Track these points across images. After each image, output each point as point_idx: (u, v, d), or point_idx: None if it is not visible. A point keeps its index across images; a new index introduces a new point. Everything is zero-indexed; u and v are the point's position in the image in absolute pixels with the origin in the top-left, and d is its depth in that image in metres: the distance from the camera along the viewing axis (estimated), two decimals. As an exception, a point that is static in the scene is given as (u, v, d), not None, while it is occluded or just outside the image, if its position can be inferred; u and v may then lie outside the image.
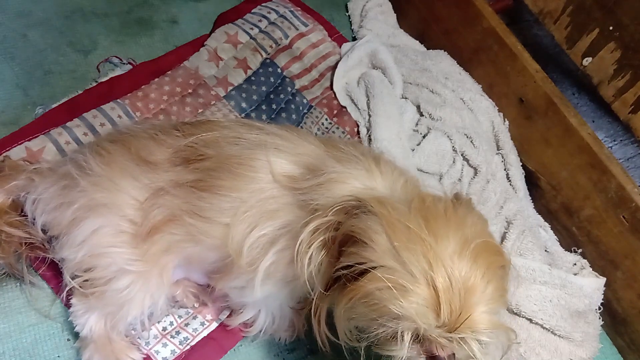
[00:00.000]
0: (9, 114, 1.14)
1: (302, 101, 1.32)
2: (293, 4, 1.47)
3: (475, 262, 0.65)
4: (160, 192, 0.81)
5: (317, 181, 0.75)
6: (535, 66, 1.25)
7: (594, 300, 1.12)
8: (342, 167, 0.76)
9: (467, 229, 0.68)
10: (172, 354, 0.94)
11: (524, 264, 1.07)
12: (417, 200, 0.70)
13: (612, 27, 1.17)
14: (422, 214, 0.68)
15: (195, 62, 1.28)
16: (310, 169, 0.78)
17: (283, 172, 0.78)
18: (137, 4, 1.40)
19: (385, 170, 0.77)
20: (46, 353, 0.91)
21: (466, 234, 0.67)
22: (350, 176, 0.75)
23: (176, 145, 0.83)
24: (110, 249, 0.81)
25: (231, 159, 0.80)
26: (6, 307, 0.94)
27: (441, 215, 0.69)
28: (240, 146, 0.81)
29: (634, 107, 1.18)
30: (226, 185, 0.78)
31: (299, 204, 0.76)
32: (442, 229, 0.66)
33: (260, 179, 0.78)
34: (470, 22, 1.36)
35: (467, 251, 0.65)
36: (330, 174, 0.75)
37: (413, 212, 0.68)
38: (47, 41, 1.27)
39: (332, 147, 0.81)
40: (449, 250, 0.64)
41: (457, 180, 1.27)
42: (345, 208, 0.71)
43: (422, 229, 0.65)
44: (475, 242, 0.66)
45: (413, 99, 1.36)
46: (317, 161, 0.79)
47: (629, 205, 1.09)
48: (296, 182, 0.77)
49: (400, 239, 0.65)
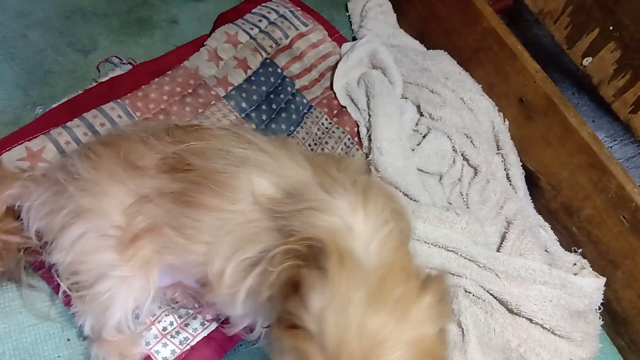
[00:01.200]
0: (9, 114, 1.14)
1: (302, 101, 1.32)
2: (293, 4, 1.47)
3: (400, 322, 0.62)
4: (144, 200, 0.80)
5: (297, 207, 0.73)
6: (535, 66, 1.25)
7: (594, 300, 1.12)
8: (325, 196, 0.73)
9: (416, 330, 0.63)
10: (172, 353, 0.94)
11: (524, 264, 1.07)
12: (383, 271, 0.66)
13: (612, 27, 1.17)
14: (377, 291, 0.63)
15: (195, 62, 1.28)
16: (291, 194, 0.76)
17: (264, 194, 0.76)
18: (137, 4, 1.40)
19: (372, 211, 0.72)
20: (46, 353, 0.91)
21: (413, 336, 0.62)
22: (331, 208, 0.72)
23: (165, 152, 0.82)
24: (93, 253, 0.81)
25: (215, 174, 0.79)
26: (6, 307, 0.94)
27: (394, 302, 0.63)
28: (225, 161, 0.80)
29: (634, 107, 1.18)
30: (208, 204, 0.77)
31: (279, 228, 0.74)
32: (383, 317, 0.62)
33: (242, 200, 0.77)
34: (470, 22, 1.36)
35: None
36: (312, 202, 0.73)
37: (368, 283, 0.63)
38: (47, 41, 1.27)
39: (320, 172, 0.79)
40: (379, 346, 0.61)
41: (457, 180, 1.27)
42: (311, 245, 0.68)
43: (361, 308, 0.61)
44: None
45: (413, 99, 1.36)
46: (301, 186, 0.77)
47: (629, 205, 1.09)
48: (277, 204, 0.75)
49: (334, 309, 0.61)
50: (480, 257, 1.07)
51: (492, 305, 1.07)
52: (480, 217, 1.18)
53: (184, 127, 0.89)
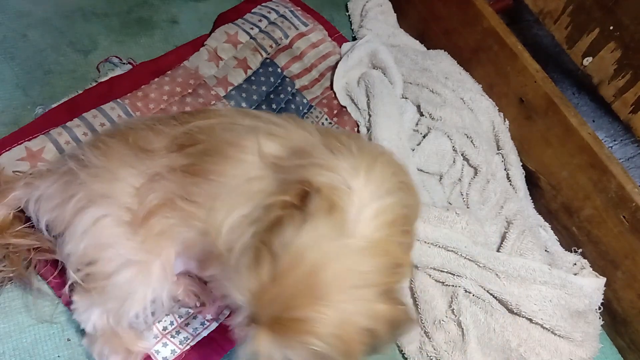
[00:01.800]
0: (9, 114, 1.14)
1: (302, 101, 1.32)
2: (293, 4, 1.47)
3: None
4: (156, 177, 0.81)
5: (300, 162, 0.72)
6: (535, 66, 1.25)
7: (594, 300, 1.12)
8: (329, 156, 0.72)
9: (348, 317, 0.62)
10: (172, 353, 0.94)
11: (524, 264, 1.07)
12: (364, 243, 0.65)
13: (612, 27, 1.17)
14: (347, 258, 0.63)
15: (195, 62, 1.28)
16: (297, 152, 0.76)
17: (271, 152, 0.76)
18: (137, 4, 1.40)
19: (375, 178, 0.70)
20: (46, 353, 0.91)
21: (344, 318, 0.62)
22: (334, 166, 0.70)
23: (173, 134, 0.83)
24: (113, 240, 0.80)
25: (223, 142, 0.79)
26: (6, 307, 0.94)
27: (355, 279, 0.63)
28: (234, 131, 0.81)
29: (634, 107, 1.18)
30: (216, 170, 0.78)
31: (279, 183, 0.73)
32: (337, 282, 0.62)
33: (248, 162, 0.77)
34: (470, 22, 1.36)
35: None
36: (315, 158, 0.72)
37: (343, 245, 0.63)
38: (47, 41, 1.27)
39: (329, 137, 0.78)
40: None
41: (457, 180, 1.27)
42: (305, 195, 0.67)
43: (324, 257, 0.62)
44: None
45: (413, 98, 1.36)
46: (308, 147, 0.76)
47: (629, 205, 1.09)
48: (281, 160, 0.75)
49: (303, 242, 0.62)
50: (480, 257, 1.07)
51: (492, 305, 1.07)
52: (480, 217, 1.18)
53: (190, 112, 0.90)
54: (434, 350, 1.03)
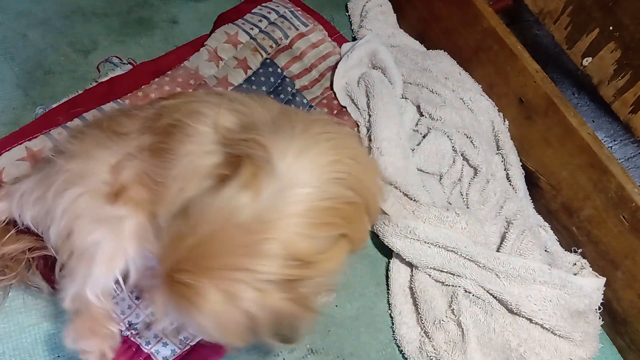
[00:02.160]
0: (9, 114, 1.14)
1: (302, 101, 1.32)
2: (293, 4, 1.47)
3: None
4: (129, 157, 0.83)
5: (244, 136, 0.73)
6: (535, 66, 1.25)
7: (594, 300, 1.12)
8: (271, 134, 0.72)
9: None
10: (173, 353, 0.94)
11: (524, 264, 1.07)
12: (257, 227, 0.65)
13: (612, 27, 1.17)
14: (236, 239, 0.64)
15: (195, 62, 1.29)
16: (247, 127, 0.76)
17: (225, 125, 0.78)
18: (137, 4, 1.40)
19: (302, 164, 0.69)
20: (46, 353, 0.91)
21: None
22: (269, 144, 0.70)
23: (145, 115, 0.86)
24: (87, 210, 0.81)
25: (185, 114, 0.81)
26: (6, 307, 0.94)
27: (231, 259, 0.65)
28: (198, 104, 0.83)
29: (634, 107, 1.18)
30: (176, 149, 0.79)
31: (224, 157, 0.75)
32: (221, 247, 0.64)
33: (203, 134, 0.78)
34: (470, 22, 1.36)
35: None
36: (257, 135, 0.72)
37: (238, 226, 0.64)
38: (47, 41, 1.27)
39: (287, 115, 0.79)
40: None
41: (457, 180, 1.27)
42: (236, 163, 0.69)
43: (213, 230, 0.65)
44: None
45: (413, 98, 1.36)
46: (259, 122, 0.77)
47: (629, 205, 1.09)
48: (231, 134, 0.76)
49: (206, 201, 0.66)
50: (480, 257, 1.07)
51: (492, 305, 1.07)
52: (480, 217, 1.18)
53: (164, 96, 0.93)
54: (434, 350, 1.03)
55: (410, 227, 1.08)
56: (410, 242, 1.09)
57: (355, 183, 0.74)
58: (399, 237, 1.10)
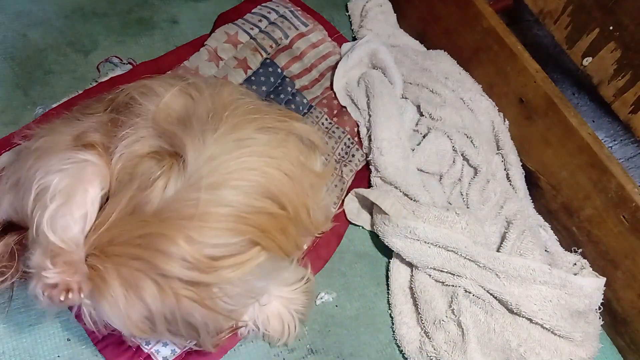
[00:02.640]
0: (9, 114, 1.14)
1: (302, 101, 1.32)
2: (293, 4, 1.47)
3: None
4: (90, 129, 0.85)
5: (173, 129, 0.77)
6: (535, 66, 1.25)
7: (594, 300, 1.12)
8: (198, 131, 0.75)
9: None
10: (173, 353, 0.94)
11: (524, 264, 1.07)
12: (154, 217, 0.70)
13: (612, 27, 1.17)
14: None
15: (195, 62, 1.29)
16: (183, 119, 0.79)
17: (169, 106, 0.81)
18: (137, 4, 1.40)
19: (207, 171, 0.72)
20: (46, 353, 0.91)
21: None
22: (187, 142, 0.74)
23: (111, 97, 0.89)
24: (56, 163, 0.80)
25: (137, 93, 0.84)
26: (6, 307, 0.93)
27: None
28: (162, 86, 0.85)
29: (634, 107, 1.18)
30: (125, 121, 0.82)
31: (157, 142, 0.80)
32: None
33: (146, 115, 0.82)
34: (470, 22, 1.36)
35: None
36: (185, 129, 0.76)
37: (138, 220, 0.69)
38: (47, 41, 1.27)
39: (221, 112, 0.80)
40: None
41: (457, 180, 1.27)
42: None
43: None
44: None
45: (413, 98, 1.36)
46: (199, 113, 0.79)
47: (629, 205, 1.09)
48: (166, 123, 0.79)
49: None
50: (480, 257, 1.07)
51: (492, 305, 1.07)
52: (480, 217, 1.18)
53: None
54: (434, 350, 1.03)
55: (410, 227, 1.08)
56: (410, 242, 1.09)
57: (276, 194, 0.74)
58: (399, 237, 1.10)
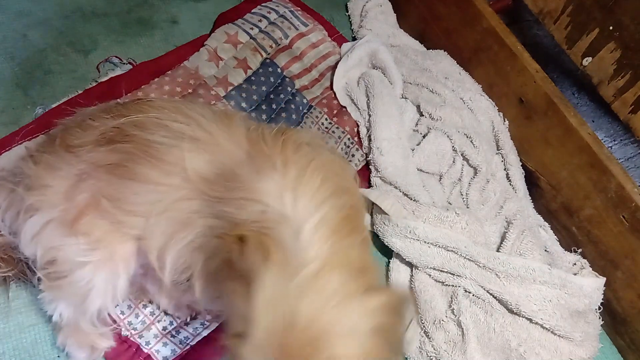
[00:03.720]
0: (9, 114, 1.14)
1: (302, 101, 1.32)
2: (293, 4, 1.47)
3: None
4: (83, 176, 0.80)
5: (231, 195, 0.71)
6: (535, 66, 1.25)
7: (594, 300, 1.12)
8: (255, 180, 0.70)
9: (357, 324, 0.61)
10: (173, 353, 0.94)
11: (524, 264, 1.07)
12: (317, 264, 0.62)
13: (612, 27, 1.17)
14: (310, 284, 0.60)
15: (195, 62, 1.29)
16: (224, 175, 0.74)
17: (197, 171, 0.75)
18: (137, 4, 1.40)
19: (304, 192, 0.68)
20: (46, 353, 0.91)
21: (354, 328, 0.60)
22: (260, 193, 0.68)
23: (102, 129, 0.82)
24: (61, 242, 0.80)
25: (151, 146, 0.77)
26: (6, 307, 0.94)
27: (330, 294, 0.61)
28: (163, 133, 0.79)
29: (634, 107, 1.18)
30: (143, 175, 0.76)
31: (215, 213, 0.72)
32: (318, 307, 0.59)
33: (176, 174, 0.75)
34: (470, 22, 1.36)
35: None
36: (242, 189, 0.70)
37: (299, 278, 0.60)
38: (47, 41, 1.27)
39: (256, 149, 0.76)
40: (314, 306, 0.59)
41: (457, 180, 1.27)
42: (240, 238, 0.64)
43: (293, 301, 0.59)
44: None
45: (413, 98, 1.36)
46: (235, 166, 0.74)
47: (629, 205, 1.09)
48: (210, 187, 0.74)
49: (264, 307, 0.59)
50: (480, 257, 1.07)
51: (492, 305, 1.07)
52: (480, 217, 1.18)
53: (124, 103, 0.88)
54: (434, 350, 1.03)
55: (410, 227, 1.08)
56: (410, 242, 1.09)
57: (344, 188, 0.74)
58: (399, 237, 1.10)
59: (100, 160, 0.79)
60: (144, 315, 0.97)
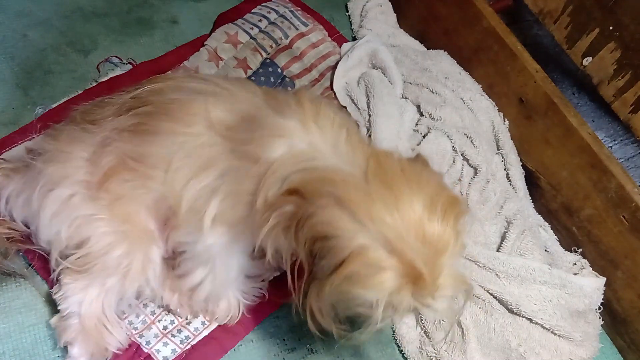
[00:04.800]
0: (9, 114, 1.14)
1: (302, 101, 1.32)
2: (293, 4, 1.47)
3: (445, 220, 0.66)
4: (107, 141, 0.82)
5: (253, 135, 0.75)
6: (535, 66, 1.25)
7: (594, 300, 1.12)
8: (276, 118, 0.75)
9: (429, 188, 0.68)
10: (173, 353, 0.94)
11: (524, 264, 1.07)
12: (372, 164, 0.69)
13: (612, 27, 1.17)
14: (381, 179, 0.67)
15: (195, 62, 1.29)
16: (246, 119, 0.78)
17: (219, 119, 0.78)
18: (137, 4, 1.40)
19: (324, 124, 0.75)
20: (46, 353, 0.91)
21: (430, 193, 0.67)
22: (284, 129, 0.74)
23: (120, 102, 0.85)
24: (91, 217, 0.81)
25: (171, 103, 0.81)
26: (6, 307, 0.94)
27: (400, 177, 0.68)
28: (181, 92, 0.83)
29: (634, 107, 1.18)
30: (163, 129, 0.79)
31: (237, 154, 0.76)
32: (405, 193, 0.66)
33: (197, 123, 0.78)
34: (470, 22, 1.36)
35: (435, 212, 0.66)
36: (265, 127, 0.75)
37: (370, 178, 0.67)
38: (47, 41, 1.27)
39: (270, 96, 0.81)
40: (417, 215, 0.65)
41: (457, 180, 1.27)
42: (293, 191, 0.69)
43: (384, 198, 0.65)
44: (441, 201, 0.66)
45: (413, 98, 1.36)
46: (254, 110, 0.79)
47: (629, 205, 1.09)
48: (232, 131, 0.77)
49: (364, 215, 0.64)
50: (480, 257, 1.07)
51: (492, 305, 1.07)
52: (480, 217, 1.18)
53: (138, 84, 0.91)
54: (434, 350, 1.03)
55: (410, 227, 1.08)
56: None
57: (352, 120, 0.86)
58: (399, 237, 1.10)
59: (122, 125, 0.82)
60: (144, 314, 0.97)
